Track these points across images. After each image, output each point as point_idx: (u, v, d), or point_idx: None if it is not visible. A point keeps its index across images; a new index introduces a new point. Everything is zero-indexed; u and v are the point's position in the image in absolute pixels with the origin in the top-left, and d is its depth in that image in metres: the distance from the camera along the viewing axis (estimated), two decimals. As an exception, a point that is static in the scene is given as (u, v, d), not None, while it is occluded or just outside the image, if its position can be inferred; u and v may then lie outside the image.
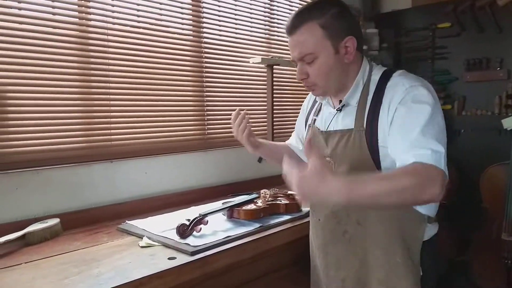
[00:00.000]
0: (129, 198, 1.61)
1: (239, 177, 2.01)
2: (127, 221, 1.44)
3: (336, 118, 1.17)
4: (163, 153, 1.72)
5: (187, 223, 1.26)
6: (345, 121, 1.14)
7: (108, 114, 1.56)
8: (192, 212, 1.54)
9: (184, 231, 1.24)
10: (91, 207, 1.51)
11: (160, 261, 1.10)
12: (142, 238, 1.28)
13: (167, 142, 1.75)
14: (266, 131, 2.12)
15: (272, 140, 2.08)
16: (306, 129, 1.32)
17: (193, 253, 1.14)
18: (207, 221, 1.29)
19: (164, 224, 1.39)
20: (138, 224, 1.41)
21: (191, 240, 1.20)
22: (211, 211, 1.34)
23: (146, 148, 1.67)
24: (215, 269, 1.15)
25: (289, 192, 1.59)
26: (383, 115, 1.05)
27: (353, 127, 1.11)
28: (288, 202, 1.50)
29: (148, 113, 1.68)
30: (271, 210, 1.45)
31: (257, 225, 1.36)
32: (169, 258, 1.12)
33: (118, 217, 1.51)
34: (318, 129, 1.23)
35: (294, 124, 1.46)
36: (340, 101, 1.15)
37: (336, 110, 1.17)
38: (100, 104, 1.54)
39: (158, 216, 1.51)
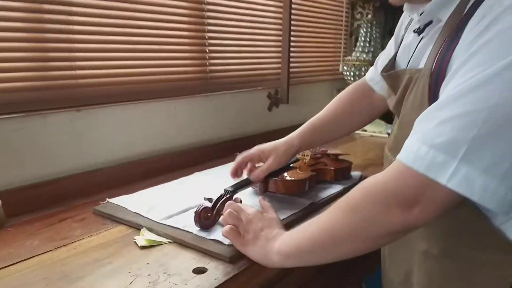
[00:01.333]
0: (106, 163, 1.12)
1: (248, 129, 1.56)
2: (108, 199, 0.97)
3: (418, 48, 0.71)
4: (151, 98, 1.22)
5: (210, 204, 0.81)
6: (420, 54, 0.69)
7: (71, 43, 1.02)
8: (199, 181, 1.08)
9: (207, 218, 0.80)
10: (49, 179, 1.01)
11: (182, 277, 0.66)
12: (137, 229, 0.82)
13: (157, 82, 1.24)
14: (279, 74, 1.65)
15: (288, 87, 1.62)
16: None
17: (232, 259, 0.71)
18: (241, 200, 0.84)
19: (167, 204, 0.93)
20: (126, 203, 0.94)
21: (219, 234, 0.76)
22: (239, 185, 0.90)
23: (128, 91, 1.16)
24: (268, 279, 0.73)
25: (331, 151, 1.17)
26: (461, 47, 0.58)
27: (421, 67, 0.66)
28: (336, 166, 1.08)
29: (130, 42, 1.15)
30: (317, 177, 1.02)
31: (305, 202, 0.93)
32: (195, 271, 0.68)
33: (92, 192, 1.03)
34: (384, 68, 0.80)
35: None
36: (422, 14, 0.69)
37: (414, 32, 0.73)
38: (58, 28, 1.00)
39: (152, 189, 1.04)
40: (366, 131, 1.83)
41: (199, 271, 0.68)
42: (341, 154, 1.15)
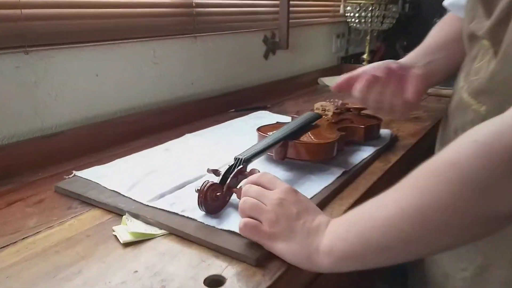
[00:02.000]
0: (69, 124, 0.87)
1: (241, 81, 1.31)
2: (74, 173, 0.73)
3: None
4: (125, 39, 0.95)
5: (217, 179, 0.59)
6: None
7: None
8: (193, 146, 0.85)
9: (215, 198, 0.57)
10: (-7, 145, 0.75)
11: (191, 295, 0.44)
12: (117, 215, 0.60)
13: (131, 18, 0.96)
14: (277, 13, 1.38)
15: (288, 28, 1.36)
16: None
17: (261, 262, 0.49)
18: (259, 171, 0.62)
19: (156, 178, 0.70)
20: (100, 177, 0.70)
21: (234, 223, 0.55)
22: (255, 151, 0.67)
23: (94, 28, 0.89)
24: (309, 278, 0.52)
25: (354, 105, 0.95)
26: None
27: None
28: (364, 123, 0.87)
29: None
30: (345, 138, 0.81)
31: (336, 171, 0.72)
32: (208, 283, 0.46)
33: (52, 163, 0.78)
34: None
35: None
36: None
37: None
38: None
39: (134, 157, 0.80)
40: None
41: (214, 282, 0.46)
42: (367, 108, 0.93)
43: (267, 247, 0.49)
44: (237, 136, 0.93)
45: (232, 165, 0.62)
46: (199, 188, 0.57)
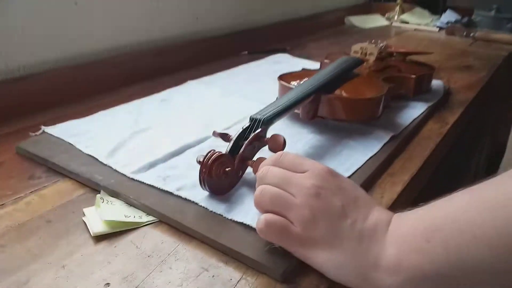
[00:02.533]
0: (37, 65, 0.69)
1: (255, 18, 1.10)
2: (43, 128, 0.57)
3: None
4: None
5: (229, 146, 0.43)
6: None
7: None
8: (197, 97, 0.68)
9: (223, 174, 0.41)
10: None
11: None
12: (91, 189, 0.44)
13: None
14: None
15: None
16: None
17: (287, 277, 0.34)
18: (284, 141, 0.44)
19: (145, 139, 0.54)
20: (74, 135, 0.54)
21: (249, 211, 0.39)
22: (277, 108, 0.49)
23: None
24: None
25: (398, 48, 0.75)
26: None
27: None
28: (414, 72, 0.68)
29: None
30: (392, 92, 0.63)
31: (383, 135, 0.55)
32: (213, 311, 0.31)
33: (16, 114, 0.62)
34: None
35: None
36: None
37: None
38: None
39: (119, 110, 0.63)
40: (407, 23, 1.40)
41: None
42: (417, 53, 0.74)
43: (299, 255, 0.34)
44: (251, 85, 0.75)
45: (247, 127, 0.45)
46: (201, 159, 0.40)
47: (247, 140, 0.43)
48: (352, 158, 0.50)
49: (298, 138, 0.54)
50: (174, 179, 0.44)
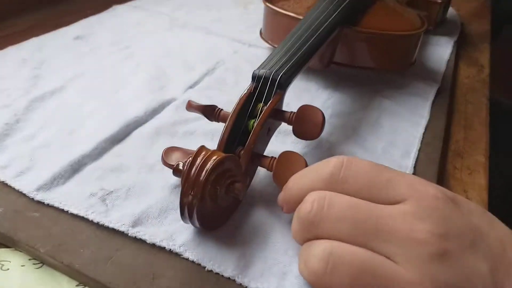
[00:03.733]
0: None
1: None
2: None
3: None
4: None
5: (224, 132, 0.23)
6: None
7: None
8: (140, 37, 0.45)
9: (226, 196, 0.21)
10: None
11: None
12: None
13: None
14: None
15: None
16: None
17: None
18: (323, 118, 0.25)
19: (53, 113, 0.31)
20: None
21: (282, 260, 0.20)
22: (298, 54, 0.28)
23: None
24: None
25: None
26: None
27: None
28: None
29: None
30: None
31: (427, 90, 0.38)
32: None
33: None
34: None
35: None
36: None
37: None
38: None
39: (9, 54, 0.38)
40: None
41: None
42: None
43: None
44: (205, 12, 0.52)
45: (251, 94, 0.25)
46: (183, 166, 0.21)
47: (260, 118, 0.23)
48: (401, 131, 0.32)
49: (307, 99, 0.35)
50: (123, 196, 0.24)
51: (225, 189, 0.21)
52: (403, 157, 0.29)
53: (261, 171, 0.26)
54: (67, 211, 0.22)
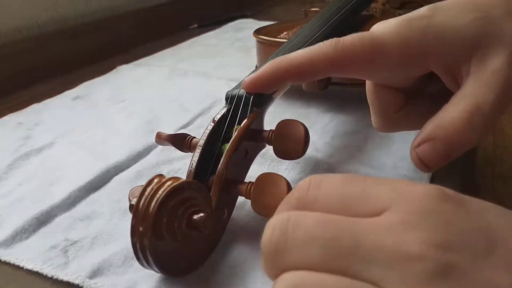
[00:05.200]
0: None
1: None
2: None
3: None
4: None
5: (193, 159, 0.20)
6: None
7: None
8: (138, 89, 0.44)
9: (188, 230, 0.18)
10: None
11: None
12: None
13: None
14: None
15: None
16: None
17: None
18: (306, 133, 0.22)
19: (31, 173, 0.29)
20: None
21: None
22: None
23: None
24: None
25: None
26: None
27: None
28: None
29: None
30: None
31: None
32: None
33: None
34: None
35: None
36: None
37: None
38: None
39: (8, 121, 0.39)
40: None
41: None
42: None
43: None
44: (211, 59, 0.52)
45: (223, 116, 0.22)
46: (134, 201, 0.17)
47: (233, 141, 0.20)
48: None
49: (308, 123, 0.32)
50: (87, 245, 0.21)
51: (186, 223, 0.17)
52: (416, 170, 0.25)
53: (248, 202, 0.22)
54: (23, 267, 0.20)
